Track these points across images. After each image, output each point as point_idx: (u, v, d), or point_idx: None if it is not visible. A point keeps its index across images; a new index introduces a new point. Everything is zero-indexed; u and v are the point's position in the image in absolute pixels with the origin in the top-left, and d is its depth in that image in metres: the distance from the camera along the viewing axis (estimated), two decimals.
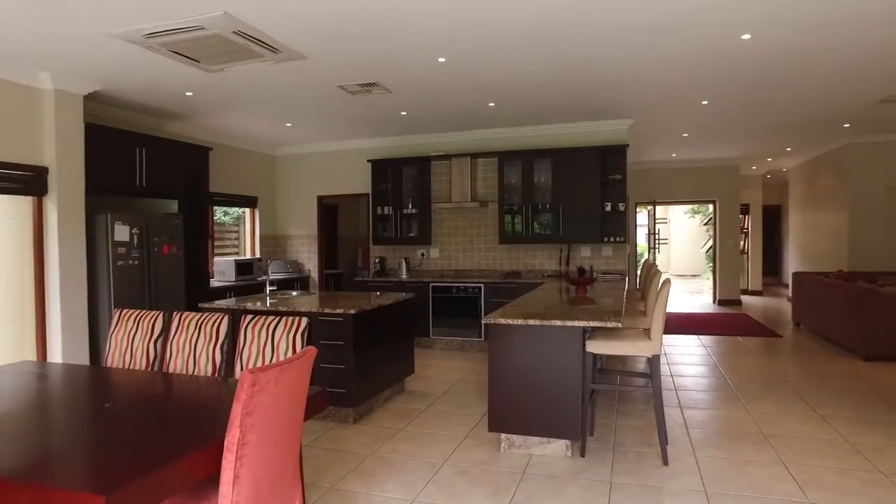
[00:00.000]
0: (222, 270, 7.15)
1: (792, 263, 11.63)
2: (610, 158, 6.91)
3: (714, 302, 11.26)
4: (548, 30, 3.92)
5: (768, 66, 4.76)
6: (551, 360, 3.55)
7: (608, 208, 6.95)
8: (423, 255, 7.84)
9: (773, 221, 14.09)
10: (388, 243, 7.83)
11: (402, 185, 7.71)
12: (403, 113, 6.36)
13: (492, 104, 5.99)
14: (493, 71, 4.83)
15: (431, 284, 7.09)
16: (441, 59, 4.48)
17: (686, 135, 7.97)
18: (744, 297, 11.46)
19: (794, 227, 11.60)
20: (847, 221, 8.57)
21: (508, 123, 7.04)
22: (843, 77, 5.13)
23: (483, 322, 3.66)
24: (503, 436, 3.71)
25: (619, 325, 3.38)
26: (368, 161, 7.77)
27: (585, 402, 3.55)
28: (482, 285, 6.89)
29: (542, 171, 7.14)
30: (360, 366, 4.25)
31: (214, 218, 7.74)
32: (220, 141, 7.49)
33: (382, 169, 7.76)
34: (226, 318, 3.01)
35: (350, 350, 4.20)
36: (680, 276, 18.27)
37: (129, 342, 3.08)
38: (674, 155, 10.16)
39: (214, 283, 6.97)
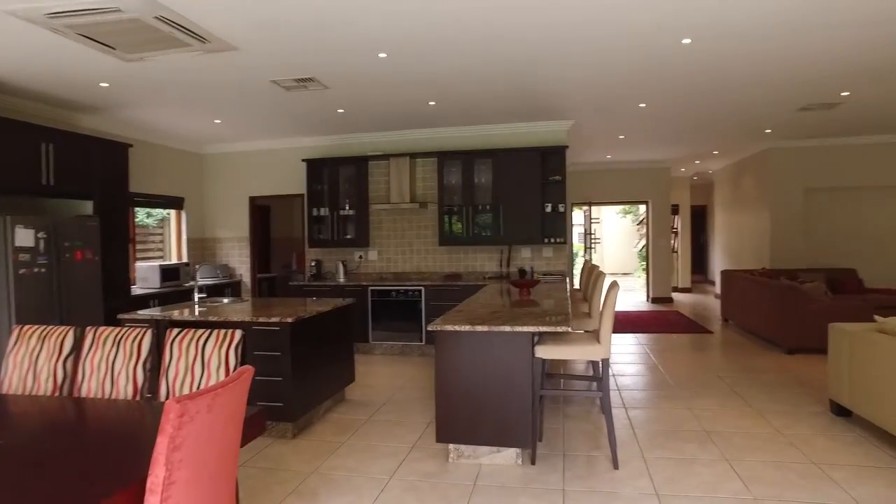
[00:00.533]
0: (145, 277, 6.65)
1: (718, 262, 12.18)
2: (550, 159, 6.93)
3: (647, 300, 11.61)
4: (488, 26, 3.82)
5: (705, 71, 4.87)
6: (500, 366, 3.45)
7: (548, 209, 6.97)
8: (360, 257, 7.61)
9: (699, 221, 14.73)
10: (324, 246, 7.54)
11: (339, 185, 7.46)
12: (341, 111, 6.12)
13: (432, 103, 5.85)
14: (434, 68, 4.70)
15: (370, 288, 6.87)
16: (382, 55, 4.30)
17: (622, 137, 8.14)
18: (674, 295, 11.89)
19: (719, 227, 12.15)
20: (769, 222, 9.02)
21: (449, 123, 6.93)
22: (769, 85, 5.34)
23: (428, 329, 3.51)
24: (451, 446, 3.57)
25: (570, 329, 3.32)
26: (303, 160, 7.46)
27: (536, 409, 3.47)
28: (422, 288, 6.74)
29: (482, 171, 7.08)
30: (298, 377, 4.00)
31: (136, 220, 7.20)
32: (142, 137, 6.96)
33: (318, 168, 7.47)
34: (148, 332, 2.71)
35: (287, 361, 3.94)
36: (612, 274, 18.81)
37: (32, 363, 2.72)
38: (609, 157, 10.39)
39: (136, 290, 6.46)
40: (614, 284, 3.57)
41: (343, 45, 4.10)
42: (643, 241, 14.34)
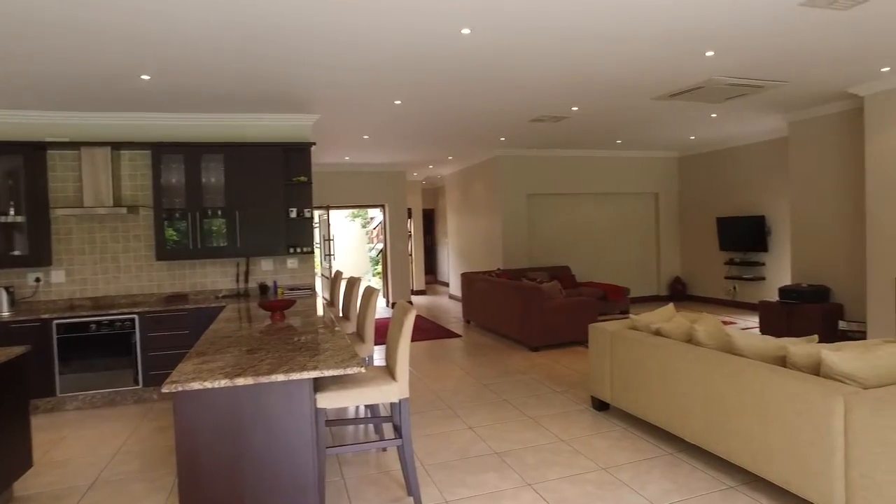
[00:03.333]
0: None
1: (452, 263, 12.76)
2: (294, 157, 6.08)
3: (388, 305, 11.50)
4: None
5: (474, 68, 4.62)
6: (271, 426, 2.56)
7: (293, 214, 6.12)
8: (38, 280, 5.61)
9: (428, 224, 15.37)
10: None
11: None
12: None
13: (146, 76, 4.48)
14: (151, 24, 3.46)
15: (55, 321, 5.05)
16: None
17: (367, 137, 7.70)
18: (413, 298, 12.03)
19: (452, 230, 12.74)
20: (500, 225, 9.65)
21: (168, 107, 5.52)
22: (520, 91, 5.44)
23: (165, 390, 2.42)
24: None
25: (363, 369, 2.62)
26: None
27: (322, 474, 2.69)
28: (136, 316, 5.23)
29: (212, 169, 5.84)
30: None
31: None
32: None
33: None
34: None
35: None
36: (343, 279, 18.53)
37: None
38: (347, 158, 9.92)
39: None
40: (408, 308, 3.00)
41: None
42: (379, 245, 14.33)
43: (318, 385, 2.87)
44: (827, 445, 2.65)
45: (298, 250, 6.18)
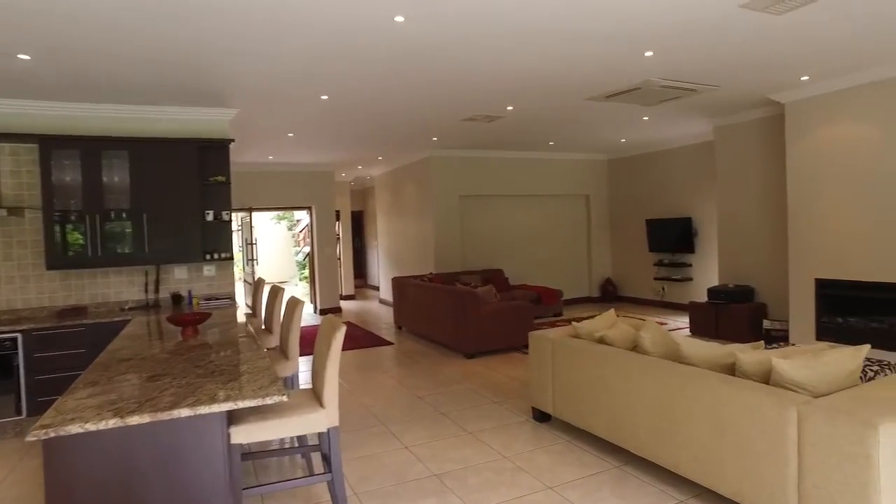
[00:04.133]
0: None
1: (382, 267, 12.36)
2: (211, 155, 5.55)
3: (315, 312, 10.97)
4: None
5: (407, 61, 4.33)
6: (175, 473, 2.16)
7: (210, 217, 5.59)
8: None
9: (357, 226, 14.88)
10: None
11: None
12: None
13: (26, 56, 3.86)
14: None
15: None
16: None
17: (292, 135, 7.22)
18: (342, 303, 11.55)
19: (382, 233, 12.33)
20: (433, 227, 9.37)
21: (59, 95, 4.86)
22: (452, 88, 5.19)
23: (31, 438, 1.97)
24: None
25: (285, 397, 2.27)
26: None
27: None
28: (19, 335, 4.55)
29: (115, 166, 5.21)
30: None
31: None
32: None
33: None
34: None
35: None
36: (268, 283, 17.72)
37: None
38: (270, 158, 9.34)
39: None
40: (337, 324, 2.65)
41: None
42: (306, 249, 13.74)
43: (234, 416, 2.48)
44: (780, 456, 2.55)
45: (216, 256, 5.65)
